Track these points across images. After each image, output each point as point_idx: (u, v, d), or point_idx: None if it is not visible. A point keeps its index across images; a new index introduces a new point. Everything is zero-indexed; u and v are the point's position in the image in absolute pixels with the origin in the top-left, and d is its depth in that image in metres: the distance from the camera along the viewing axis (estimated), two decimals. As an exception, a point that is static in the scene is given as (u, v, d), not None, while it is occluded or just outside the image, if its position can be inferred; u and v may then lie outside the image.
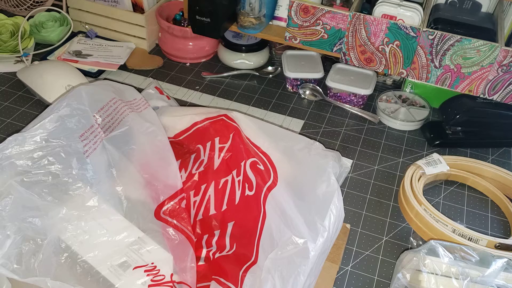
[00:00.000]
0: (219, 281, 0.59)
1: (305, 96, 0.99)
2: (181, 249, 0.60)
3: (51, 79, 0.89)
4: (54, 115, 0.60)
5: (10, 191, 0.54)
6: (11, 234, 0.53)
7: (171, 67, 1.04)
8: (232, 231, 0.65)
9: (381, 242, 0.73)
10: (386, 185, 0.82)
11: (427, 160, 0.79)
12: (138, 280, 0.56)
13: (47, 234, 0.55)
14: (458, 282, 0.60)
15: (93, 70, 0.99)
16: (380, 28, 0.84)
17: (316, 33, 0.90)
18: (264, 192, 0.64)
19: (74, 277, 0.54)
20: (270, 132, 0.69)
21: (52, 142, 0.59)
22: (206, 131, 0.71)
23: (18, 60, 1.01)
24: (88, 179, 0.60)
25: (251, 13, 0.92)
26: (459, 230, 0.70)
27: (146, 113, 0.71)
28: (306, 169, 0.65)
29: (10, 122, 0.87)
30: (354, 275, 0.68)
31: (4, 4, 1.12)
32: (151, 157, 0.66)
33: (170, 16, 1.06)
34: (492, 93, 0.85)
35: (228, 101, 0.97)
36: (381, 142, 0.90)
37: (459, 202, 0.80)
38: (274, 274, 0.56)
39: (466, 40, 0.80)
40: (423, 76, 0.86)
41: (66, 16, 1.07)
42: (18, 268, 0.52)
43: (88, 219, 0.58)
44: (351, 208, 0.77)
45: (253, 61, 1.04)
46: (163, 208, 0.63)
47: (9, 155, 0.56)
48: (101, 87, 0.69)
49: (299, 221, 0.60)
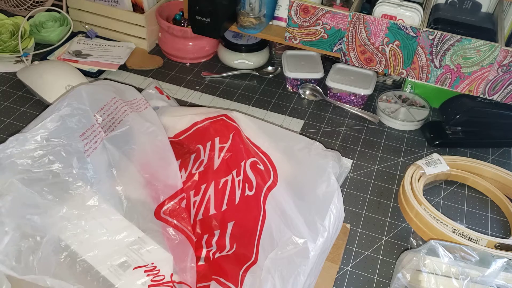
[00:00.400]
0: (219, 281, 0.59)
1: (305, 96, 0.99)
2: (181, 249, 0.60)
3: (51, 79, 0.89)
4: (55, 114, 0.60)
5: (11, 189, 0.55)
6: (10, 230, 0.53)
7: (171, 67, 1.04)
8: (232, 231, 0.65)
9: (381, 242, 0.73)
10: (386, 185, 0.82)
11: (427, 160, 0.79)
12: (138, 280, 0.56)
13: (46, 232, 0.55)
14: (458, 282, 0.60)
15: (93, 70, 0.99)
16: (380, 28, 0.84)
17: (316, 33, 0.90)
18: (264, 192, 0.64)
19: (74, 276, 0.54)
20: (270, 132, 0.69)
21: (53, 141, 0.59)
22: (206, 131, 0.71)
23: (18, 60, 1.01)
24: (89, 178, 0.60)
25: (251, 13, 0.92)
26: (459, 230, 0.70)
27: (146, 113, 0.71)
28: (306, 169, 0.65)
29: (10, 122, 0.87)
30: (354, 275, 0.68)
31: (4, 4, 1.12)
32: (151, 157, 0.66)
33: (170, 16, 1.06)
34: (492, 93, 0.85)
35: (228, 101, 0.97)
36: (381, 142, 0.90)
37: (459, 202, 0.80)
38: (274, 274, 0.56)
39: (466, 40, 0.80)
40: (423, 76, 0.86)
41: (66, 16, 1.07)
42: (17, 266, 0.52)
43: (88, 218, 0.58)
44: (351, 208, 0.77)
45: (253, 61, 1.04)
46: (163, 208, 0.63)
47: (10, 154, 0.56)
48: (102, 87, 0.69)
49: (299, 221, 0.60)
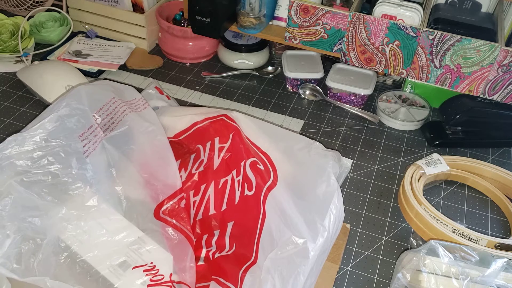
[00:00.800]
0: (219, 281, 0.59)
1: (305, 96, 0.99)
2: (181, 248, 0.60)
3: (51, 79, 0.89)
4: (53, 115, 0.60)
5: (10, 191, 0.54)
6: (11, 233, 0.53)
7: (171, 67, 1.04)
8: (231, 231, 0.65)
9: (381, 242, 0.73)
10: (386, 185, 0.82)
11: (427, 160, 0.79)
12: (137, 280, 0.56)
13: (46, 234, 0.55)
14: (458, 282, 0.60)
15: (93, 70, 0.99)
16: (380, 28, 0.84)
17: (316, 33, 0.90)
18: (264, 192, 0.64)
19: (74, 277, 0.54)
20: (270, 132, 0.69)
21: (52, 142, 0.59)
22: (206, 131, 0.71)
23: (18, 60, 1.01)
24: (88, 179, 0.60)
25: (251, 13, 0.92)
26: (459, 230, 0.70)
27: (145, 113, 0.71)
28: (306, 169, 0.65)
29: (10, 122, 0.87)
30: (354, 275, 0.68)
31: (4, 4, 1.12)
32: (150, 156, 0.66)
33: (170, 16, 1.06)
34: (492, 93, 0.85)
35: (228, 101, 0.97)
36: (381, 142, 0.90)
37: (459, 202, 0.80)
38: (274, 274, 0.56)
39: (466, 40, 0.80)
40: (423, 76, 0.86)
41: (66, 16, 1.07)
42: (18, 268, 0.52)
43: (87, 219, 0.58)
44: (351, 208, 0.77)
45: (253, 61, 1.04)
46: (162, 208, 0.63)
47: (8, 155, 0.56)
48: (101, 87, 0.69)
49: (299, 221, 0.60)
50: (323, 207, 0.60)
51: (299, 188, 0.63)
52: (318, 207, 0.61)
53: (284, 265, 0.57)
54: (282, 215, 0.61)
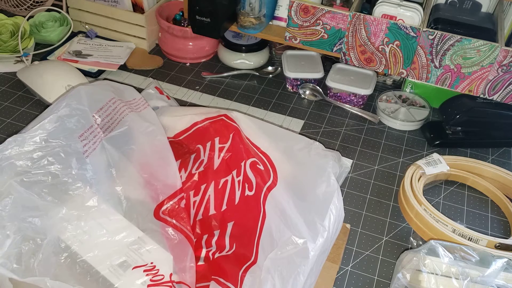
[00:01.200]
0: (219, 281, 0.59)
1: (305, 96, 0.99)
2: (181, 248, 0.60)
3: (51, 79, 0.89)
4: (53, 115, 0.60)
5: (10, 191, 0.54)
6: (11, 234, 0.53)
7: (171, 67, 1.04)
8: (231, 231, 0.65)
9: (381, 242, 0.73)
10: (386, 185, 0.82)
11: (427, 160, 0.79)
12: (137, 280, 0.56)
13: (46, 234, 0.55)
14: (458, 282, 0.60)
15: (93, 70, 0.99)
16: (380, 28, 0.84)
17: (316, 33, 0.90)
18: (264, 192, 0.64)
19: (74, 277, 0.54)
20: (270, 132, 0.69)
21: (52, 142, 0.59)
22: (206, 131, 0.71)
23: (18, 60, 1.01)
24: (88, 179, 0.60)
25: (251, 13, 0.92)
26: (459, 230, 0.70)
27: (145, 113, 0.71)
28: (306, 169, 0.65)
29: (10, 122, 0.87)
30: (354, 275, 0.68)
31: (4, 4, 1.12)
32: (150, 156, 0.66)
33: (170, 16, 1.06)
34: (492, 93, 0.85)
35: (228, 101, 0.97)
36: (381, 142, 0.90)
37: (459, 202, 0.80)
38: (274, 274, 0.56)
39: (466, 40, 0.80)
40: (423, 76, 0.86)
41: (66, 16, 1.07)
42: (18, 268, 0.52)
43: (87, 219, 0.58)
44: (351, 208, 0.77)
45: (253, 61, 1.04)
46: (162, 208, 0.63)
47: (8, 155, 0.56)
48: (101, 87, 0.69)
49: (299, 221, 0.60)
50: (323, 207, 0.60)
51: (299, 188, 0.63)
52: (318, 207, 0.61)
53: (284, 265, 0.57)
54: (282, 215, 0.61)
